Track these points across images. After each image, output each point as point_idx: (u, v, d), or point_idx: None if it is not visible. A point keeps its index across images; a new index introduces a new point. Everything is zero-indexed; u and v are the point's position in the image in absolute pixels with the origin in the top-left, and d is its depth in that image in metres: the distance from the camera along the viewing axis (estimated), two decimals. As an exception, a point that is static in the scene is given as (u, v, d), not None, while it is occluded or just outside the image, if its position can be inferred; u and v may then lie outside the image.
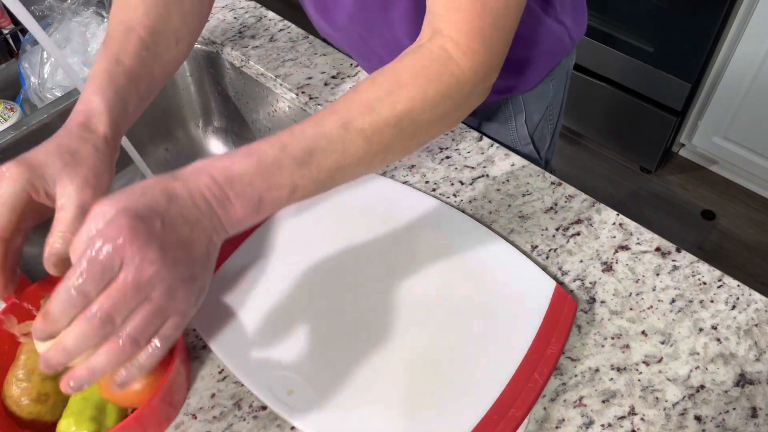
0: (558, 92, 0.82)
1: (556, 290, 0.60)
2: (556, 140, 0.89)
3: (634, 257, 0.65)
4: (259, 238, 0.66)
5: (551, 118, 0.83)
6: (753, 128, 1.65)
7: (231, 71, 0.96)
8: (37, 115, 0.87)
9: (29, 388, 0.53)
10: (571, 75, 0.86)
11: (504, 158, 0.75)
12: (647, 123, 1.81)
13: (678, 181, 1.92)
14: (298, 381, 0.55)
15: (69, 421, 0.51)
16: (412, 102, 0.48)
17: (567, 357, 0.58)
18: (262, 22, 0.96)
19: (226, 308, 0.61)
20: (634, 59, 1.70)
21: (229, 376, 0.58)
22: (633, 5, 1.61)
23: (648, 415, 0.54)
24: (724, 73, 1.62)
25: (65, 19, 0.97)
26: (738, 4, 1.50)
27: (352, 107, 0.48)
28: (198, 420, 0.55)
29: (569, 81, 0.86)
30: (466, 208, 0.70)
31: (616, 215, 0.69)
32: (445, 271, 0.63)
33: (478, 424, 0.52)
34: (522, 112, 0.80)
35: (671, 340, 0.59)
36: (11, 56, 1.10)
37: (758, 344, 0.58)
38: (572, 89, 0.88)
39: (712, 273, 0.63)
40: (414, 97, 0.48)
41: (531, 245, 0.67)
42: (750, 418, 0.54)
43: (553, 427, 0.54)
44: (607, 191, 1.90)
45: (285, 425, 0.55)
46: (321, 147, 0.46)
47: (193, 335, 0.61)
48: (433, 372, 0.56)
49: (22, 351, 0.55)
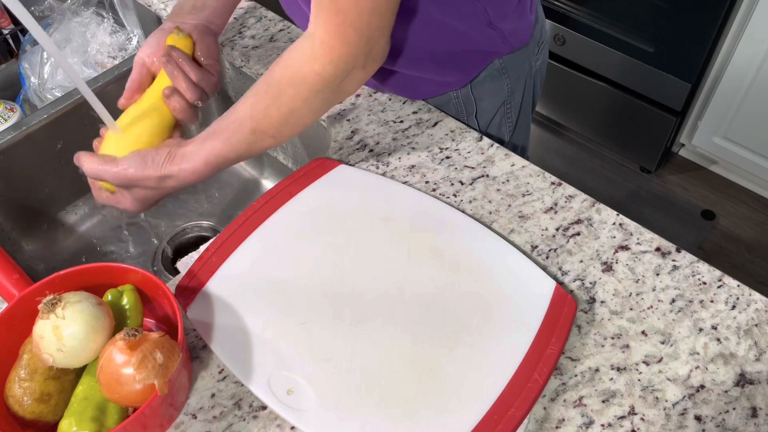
0: (516, 90, 0.84)
1: (556, 290, 0.60)
2: (519, 135, 0.91)
3: (634, 257, 0.65)
4: (259, 239, 0.66)
5: (509, 116, 0.86)
6: (753, 128, 1.65)
7: (231, 71, 0.96)
8: (37, 115, 0.87)
9: (31, 387, 0.53)
10: (543, 76, 0.90)
11: (504, 158, 0.75)
12: (647, 123, 1.81)
13: (678, 181, 1.92)
14: (298, 381, 0.55)
15: (70, 420, 0.51)
16: (292, 103, 0.63)
17: (567, 357, 0.58)
18: (262, 22, 0.96)
19: (226, 308, 0.61)
20: (633, 59, 1.70)
21: (229, 376, 0.58)
22: (633, 5, 1.62)
23: (648, 415, 0.54)
24: (724, 73, 1.62)
25: (65, 19, 0.97)
26: (738, 4, 1.50)
27: (254, 114, 0.64)
28: (198, 420, 0.56)
29: (537, 82, 0.88)
30: (466, 208, 0.70)
31: (616, 215, 0.69)
32: (445, 271, 0.63)
33: (478, 424, 0.52)
34: (472, 107, 0.83)
35: (671, 340, 0.59)
36: (11, 56, 1.10)
37: (758, 344, 0.58)
38: (572, 89, 0.88)
39: (712, 273, 0.63)
40: (294, 98, 0.63)
41: (531, 245, 0.67)
42: (750, 418, 0.54)
43: (553, 427, 0.54)
44: (607, 191, 1.90)
45: (285, 425, 0.55)
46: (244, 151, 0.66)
47: (193, 335, 0.61)
48: (433, 372, 0.56)
49: (25, 350, 0.55)
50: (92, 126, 0.72)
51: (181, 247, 0.96)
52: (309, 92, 0.63)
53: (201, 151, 0.66)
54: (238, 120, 0.65)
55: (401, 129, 0.79)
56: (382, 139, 0.78)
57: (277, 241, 0.66)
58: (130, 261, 0.94)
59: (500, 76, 0.81)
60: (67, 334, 0.52)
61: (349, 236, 0.66)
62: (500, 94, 0.83)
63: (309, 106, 0.64)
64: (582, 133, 2.02)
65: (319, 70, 0.61)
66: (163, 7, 1.00)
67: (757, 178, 1.80)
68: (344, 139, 0.78)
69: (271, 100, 0.64)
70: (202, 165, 0.66)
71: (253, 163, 1.04)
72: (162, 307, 0.61)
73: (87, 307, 0.53)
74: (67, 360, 0.53)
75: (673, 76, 1.65)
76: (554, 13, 1.78)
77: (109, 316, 0.55)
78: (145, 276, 0.58)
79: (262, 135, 0.65)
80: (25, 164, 0.89)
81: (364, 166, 0.75)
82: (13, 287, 0.61)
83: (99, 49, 1.00)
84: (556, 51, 1.86)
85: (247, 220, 0.68)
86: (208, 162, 0.66)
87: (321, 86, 0.62)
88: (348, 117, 0.81)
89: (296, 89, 0.63)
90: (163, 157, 0.66)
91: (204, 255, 0.65)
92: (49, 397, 0.54)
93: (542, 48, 0.86)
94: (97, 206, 0.98)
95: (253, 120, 0.64)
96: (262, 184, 1.04)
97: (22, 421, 0.54)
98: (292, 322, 0.59)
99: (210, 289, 0.62)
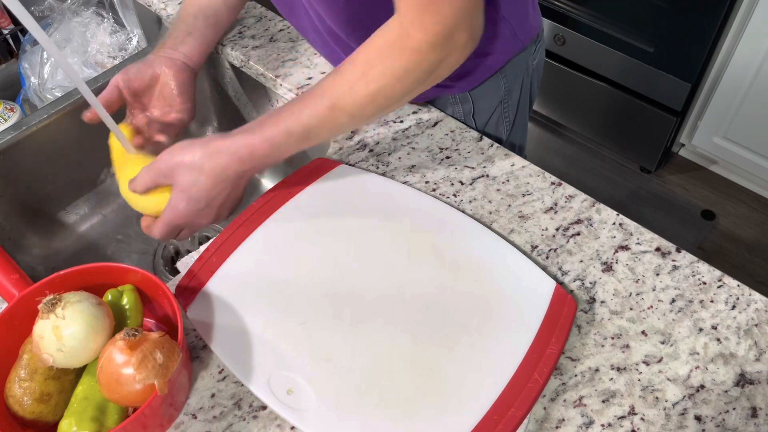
0: (513, 90, 0.84)
1: (556, 290, 0.60)
2: (516, 133, 0.92)
3: (634, 257, 0.65)
4: (259, 239, 0.66)
5: (507, 115, 0.86)
6: (753, 128, 1.65)
7: (231, 71, 0.96)
8: (37, 115, 0.87)
9: (32, 387, 0.53)
10: (540, 75, 0.89)
11: (504, 158, 0.75)
12: (647, 123, 1.81)
13: (678, 181, 1.92)
14: (298, 381, 0.55)
15: (70, 420, 0.51)
16: (382, 80, 0.58)
17: (567, 357, 0.58)
18: (262, 22, 0.96)
19: (226, 308, 0.61)
20: (633, 59, 1.70)
21: (229, 376, 0.58)
22: (633, 5, 1.62)
23: (648, 415, 0.54)
24: (724, 73, 1.62)
25: (65, 19, 0.97)
26: (738, 4, 1.50)
27: (335, 89, 0.59)
28: (198, 420, 0.56)
29: (534, 81, 0.88)
30: (466, 208, 0.70)
31: (616, 215, 0.69)
32: (445, 271, 0.63)
33: (478, 424, 0.52)
34: (470, 106, 0.83)
35: (671, 340, 0.59)
36: (11, 56, 1.10)
37: (758, 344, 0.58)
38: (572, 89, 0.88)
39: (712, 273, 0.63)
40: (383, 75, 0.58)
41: (531, 245, 0.67)
42: (750, 418, 0.54)
43: (553, 427, 0.54)
44: (607, 191, 1.90)
45: (285, 425, 0.55)
46: (315, 126, 0.60)
47: (193, 335, 0.61)
48: (433, 372, 0.56)
49: (25, 350, 0.55)
50: (92, 126, 0.72)
51: (180, 248, 0.96)
52: (402, 69, 0.57)
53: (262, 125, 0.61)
54: (315, 95, 0.60)
55: (401, 129, 0.79)
56: (382, 139, 0.78)
57: (277, 241, 0.66)
58: (130, 261, 0.94)
59: (498, 76, 0.81)
60: (67, 334, 0.52)
61: (349, 236, 0.66)
62: (497, 94, 0.83)
63: (401, 83, 0.58)
64: (582, 133, 2.02)
65: (416, 46, 0.56)
66: (162, 7, 1.00)
67: (757, 178, 1.80)
68: (344, 139, 0.78)
69: (359, 75, 0.58)
70: (260, 140, 0.61)
71: (253, 163, 1.03)
72: (162, 307, 0.61)
73: (87, 307, 0.53)
74: (67, 360, 0.53)
75: (673, 76, 1.66)
76: (554, 13, 1.78)
77: (109, 316, 0.55)
78: (145, 276, 0.58)
79: (340, 112, 0.60)
80: (25, 164, 0.89)
81: (364, 166, 0.75)
82: (13, 287, 0.61)
83: (99, 49, 1.00)
84: (556, 51, 1.86)
85: (247, 220, 0.68)
86: (268, 137, 0.61)
87: (416, 63, 0.57)
88: (348, 117, 0.81)
89: (388, 65, 0.57)
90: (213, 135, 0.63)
91: (204, 255, 0.65)
92: (49, 397, 0.54)
93: (539, 47, 0.86)
94: (97, 207, 0.98)
95: (334, 95, 0.59)
96: (262, 184, 1.04)
97: (22, 421, 0.54)
98: (292, 322, 0.59)
99: (210, 289, 0.62)
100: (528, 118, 0.93)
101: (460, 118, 0.83)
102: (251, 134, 0.61)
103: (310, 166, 0.74)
